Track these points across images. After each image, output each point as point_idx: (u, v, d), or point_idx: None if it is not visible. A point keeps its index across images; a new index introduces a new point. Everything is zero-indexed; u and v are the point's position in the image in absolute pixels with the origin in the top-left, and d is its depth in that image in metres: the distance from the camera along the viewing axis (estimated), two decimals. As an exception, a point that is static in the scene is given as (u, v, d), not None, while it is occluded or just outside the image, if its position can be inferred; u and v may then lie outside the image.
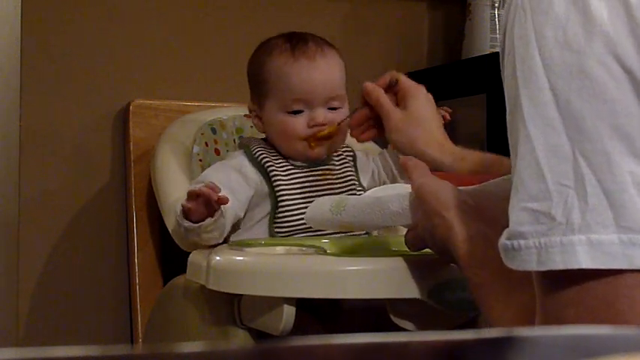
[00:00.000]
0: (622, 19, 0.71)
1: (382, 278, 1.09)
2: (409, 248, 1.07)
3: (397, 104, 1.34)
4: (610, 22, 0.71)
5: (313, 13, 1.94)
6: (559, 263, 0.71)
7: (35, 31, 1.67)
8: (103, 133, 1.74)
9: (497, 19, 1.95)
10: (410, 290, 1.08)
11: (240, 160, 1.39)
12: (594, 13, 0.72)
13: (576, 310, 0.72)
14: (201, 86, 1.83)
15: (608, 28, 0.71)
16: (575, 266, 0.70)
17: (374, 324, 1.19)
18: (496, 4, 1.94)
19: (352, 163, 1.46)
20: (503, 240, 0.76)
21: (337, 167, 1.43)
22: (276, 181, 1.36)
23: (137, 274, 1.65)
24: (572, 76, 0.72)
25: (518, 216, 0.74)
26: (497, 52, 2.04)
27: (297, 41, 1.39)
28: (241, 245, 1.25)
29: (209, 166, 1.53)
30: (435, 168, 1.25)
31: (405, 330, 1.12)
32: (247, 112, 1.60)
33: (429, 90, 1.95)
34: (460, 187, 1.00)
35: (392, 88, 1.34)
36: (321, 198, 1.20)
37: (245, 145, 1.44)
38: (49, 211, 1.71)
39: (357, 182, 1.43)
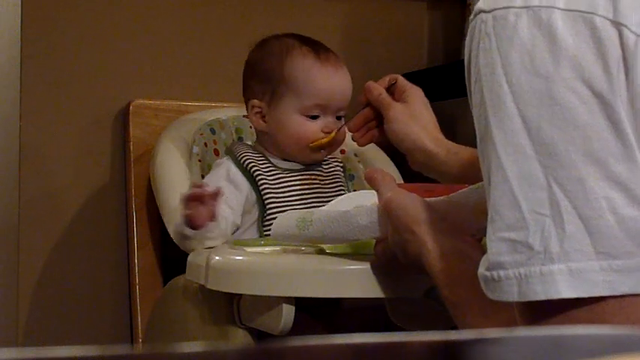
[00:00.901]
0: (588, 42, 0.70)
1: (381, 277, 1.09)
2: (379, 260, 1.07)
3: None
4: (576, 45, 0.70)
5: (313, 13, 1.94)
6: (540, 294, 0.70)
7: (35, 32, 1.67)
8: (103, 133, 1.74)
9: (497, 19, 1.94)
10: (409, 289, 1.09)
11: (227, 166, 1.40)
12: (560, 38, 0.70)
13: None
14: (201, 86, 1.82)
15: (576, 52, 0.70)
16: (556, 296, 0.70)
17: (373, 323, 1.20)
18: (496, 4, 1.94)
19: (342, 174, 1.48)
20: (482, 270, 0.75)
21: (325, 173, 1.45)
22: (263, 185, 1.37)
23: (137, 274, 1.65)
24: (542, 102, 0.71)
25: (496, 246, 0.73)
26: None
27: (316, 46, 1.41)
28: (241, 245, 1.25)
29: (208, 166, 1.54)
30: (430, 159, 1.25)
31: (404, 329, 1.12)
32: (246, 113, 1.60)
33: (429, 90, 1.95)
34: (428, 199, 0.99)
35: (390, 89, 1.35)
36: (286, 213, 1.19)
37: (230, 152, 1.44)
38: (49, 211, 1.71)
39: (345, 190, 1.45)
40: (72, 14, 1.73)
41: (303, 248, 1.20)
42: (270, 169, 1.40)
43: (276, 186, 1.38)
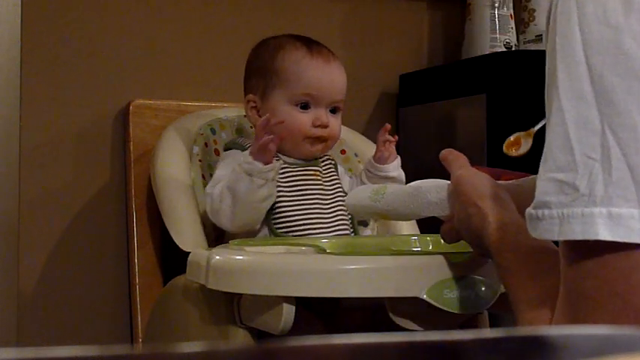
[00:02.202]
0: None
1: (381, 277, 1.09)
2: (444, 240, 1.08)
3: None
4: None
5: (313, 13, 1.94)
6: (578, 234, 0.73)
7: (35, 31, 1.67)
8: (103, 133, 1.74)
9: (497, 19, 1.94)
10: (409, 289, 1.08)
11: (239, 156, 1.40)
12: None
13: (594, 282, 0.74)
14: (201, 86, 1.83)
15: None
16: (593, 237, 0.72)
17: (373, 323, 1.20)
18: (496, 4, 1.94)
19: (335, 171, 1.50)
20: (529, 209, 0.78)
21: (324, 170, 1.47)
22: None
23: (137, 274, 1.65)
24: (608, 51, 0.73)
25: (544, 186, 0.76)
26: (498, 52, 2.05)
27: (309, 42, 1.44)
28: (241, 245, 1.25)
29: (209, 166, 1.54)
30: None
31: (404, 329, 1.12)
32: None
33: (429, 90, 1.95)
34: (499, 182, 1.01)
35: None
36: (364, 186, 1.23)
37: (236, 144, 1.44)
38: (49, 211, 1.71)
39: (341, 186, 1.47)
40: (72, 14, 1.73)
41: (303, 248, 1.20)
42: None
43: (283, 178, 1.39)
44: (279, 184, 1.38)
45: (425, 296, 1.08)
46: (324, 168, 1.48)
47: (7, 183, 1.47)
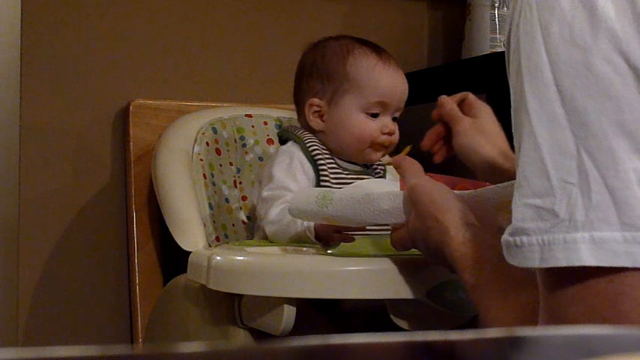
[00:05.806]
0: (628, 15, 0.71)
1: (382, 278, 1.09)
2: (394, 248, 1.06)
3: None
4: (616, 18, 0.71)
5: (313, 13, 1.94)
6: (561, 260, 0.71)
7: (35, 31, 1.67)
8: (103, 133, 1.74)
9: (497, 19, 1.94)
10: (410, 290, 1.08)
11: (298, 155, 1.38)
12: (600, 10, 0.71)
13: (579, 308, 0.72)
14: (201, 86, 1.82)
15: (614, 25, 0.71)
16: (577, 263, 0.70)
17: (374, 324, 1.19)
18: (496, 4, 1.94)
19: (383, 177, 1.48)
20: (505, 236, 0.76)
21: (374, 177, 1.45)
22: (323, 181, 1.36)
23: (137, 274, 1.65)
24: (578, 72, 0.71)
25: (521, 212, 0.74)
26: (498, 52, 2.05)
27: (375, 47, 1.43)
28: (242, 245, 1.25)
29: (210, 165, 1.54)
30: (497, 174, 1.23)
31: (405, 330, 1.12)
32: (248, 112, 1.59)
33: (429, 90, 1.95)
34: (455, 191, 0.99)
35: (461, 105, 1.34)
36: (306, 188, 1.19)
37: (296, 137, 1.42)
38: (49, 211, 1.71)
39: None
40: (72, 14, 1.73)
41: (304, 249, 1.20)
42: (333, 166, 1.39)
43: (335, 182, 1.37)
44: (329, 187, 1.36)
45: (426, 298, 1.08)
46: (375, 174, 1.46)
47: (7, 183, 1.47)
